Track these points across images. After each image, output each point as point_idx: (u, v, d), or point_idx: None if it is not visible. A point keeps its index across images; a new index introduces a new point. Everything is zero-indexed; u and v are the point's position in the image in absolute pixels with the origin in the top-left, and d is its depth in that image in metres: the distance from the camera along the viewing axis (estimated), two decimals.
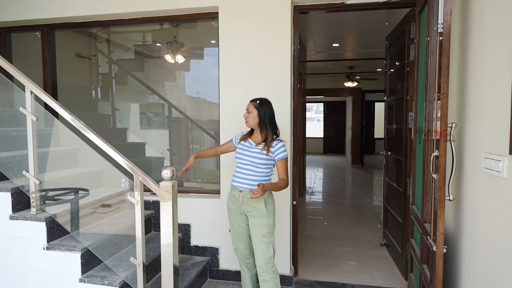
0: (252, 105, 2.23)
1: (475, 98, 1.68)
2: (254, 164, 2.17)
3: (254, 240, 2.22)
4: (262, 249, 2.17)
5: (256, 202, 2.17)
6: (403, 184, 2.91)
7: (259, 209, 2.17)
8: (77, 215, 2.55)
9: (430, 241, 1.87)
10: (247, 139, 2.28)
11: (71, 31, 3.66)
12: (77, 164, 2.95)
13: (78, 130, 2.14)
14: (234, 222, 2.31)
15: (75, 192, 2.68)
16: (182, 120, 4.51)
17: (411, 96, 2.74)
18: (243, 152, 2.23)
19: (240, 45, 2.81)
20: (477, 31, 1.67)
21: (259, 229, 2.18)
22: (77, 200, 2.64)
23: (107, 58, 4.37)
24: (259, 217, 2.18)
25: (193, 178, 4.71)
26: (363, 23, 5.04)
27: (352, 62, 7.87)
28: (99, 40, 4.27)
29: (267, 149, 2.15)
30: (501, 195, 1.39)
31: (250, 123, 2.23)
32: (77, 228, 2.44)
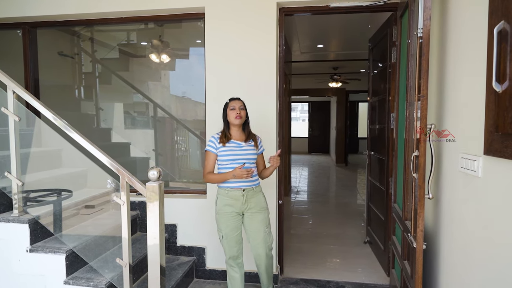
0: (241, 103, 2.32)
1: (453, 101, 1.75)
2: (249, 161, 2.27)
3: (257, 234, 2.31)
4: (266, 238, 2.34)
5: (258, 196, 2.31)
6: (386, 183, 2.99)
7: (260, 202, 2.32)
8: (60, 216, 2.52)
9: (411, 238, 1.94)
10: (229, 140, 2.29)
11: (53, 29, 3.59)
12: (60, 165, 2.91)
13: (61, 130, 2.12)
14: (230, 225, 2.27)
15: (58, 193, 2.65)
16: (167, 120, 4.49)
17: (392, 97, 2.82)
18: (235, 153, 2.26)
19: (226, 45, 2.82)
20: (454, 37, 1.74)
21: (262, 222, 2.32)
22: (60, 202, 2.60)
23: (91, 57, 4.31)
24: (261, 211, 2.32)
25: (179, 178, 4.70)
26: (347, 25, 5.13)
27: (336, 63, 7.98)
28: (82, 39, 4.20)
29: (256, 145, 2.34)
30: (476, 194, 1.46)
31: (243, 119, 2.30)
32: (61, 229, 2.41)
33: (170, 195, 3.00)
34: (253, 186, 2.29)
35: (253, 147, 2.30)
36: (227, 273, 2.40)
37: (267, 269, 2.44)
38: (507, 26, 1.20)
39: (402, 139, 2.44)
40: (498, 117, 1.25)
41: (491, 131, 1.30)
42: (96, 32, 4.19)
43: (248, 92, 2.82)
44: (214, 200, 2.38)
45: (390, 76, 2.85)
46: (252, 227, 2.31)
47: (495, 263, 1.29)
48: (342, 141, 10.62)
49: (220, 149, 2.26)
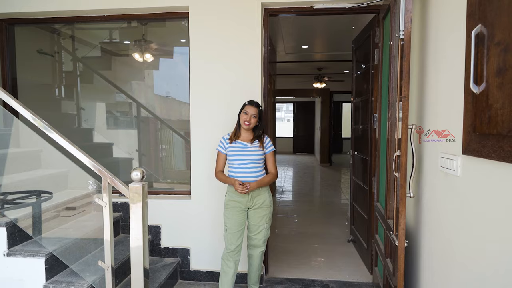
0: (256, 111, 2.44)
1: (433, 101, 1.79)
2: (254, 161, 2.41)
3: (257, 228, 2.48)
4: (265, 232, 2.51)
5: (264, 194, 2.45)
6: (369, 183, 3.04)
7: (265, 200, 2.46)
8: (40, 219, 2.45)
9: (393, 236, 1.97)
10: (236, 140, 2.45)
11: (32, 27, 3.49)
12: (39, 166, 2.83)
13: (41, 130, 2.06)
14: (235, 219, 2.41)
15: (37, 195, 2.57)
16: (151, 120, 4.43)
17: (375, 98, 2.86)
18: (241, 152, 2.41)
19: (210, 45, 2.81)
20: (434, 39, 1.78)
21: (265, 218, 2.48)
22: (40, 204, 2.53)
23: (72, 56, 4.21)
24: (265, 207, 2.46)
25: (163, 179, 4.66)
26: (331, 26, 5.18)
27: (320, 63, 8.06)
28: (63, 37, 4.10)
29: (262, 145, 2.46)
30: (455, 192, 1.50)
31: (252, 126, 2.43)
32: (40, 232, 2.34)
33: (154, 196, 2.97)
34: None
35: (258, 147, 2.44)
36: (221, 269, 2.47)
37: (258, 264, 2.60)
38: (483, 29, 1.24)
39: (384, 139, 2.48)
40: (476, 117, 1.29)
41: (469, 131, 1.34)
42: (77, 30, 4.09)
43: (233, 92, 2.81)
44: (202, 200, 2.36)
45: (373, 77, 2.89)
46: (253, 221, 2.47)
47: (474, 261, 1.32)
48: (326, 141, 10.73)
49: (228, 149, 2.44)
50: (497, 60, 1.14)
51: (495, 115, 1.15)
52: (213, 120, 2.85)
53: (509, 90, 1.07)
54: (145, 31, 4.39)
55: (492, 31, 1.18)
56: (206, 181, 2.86)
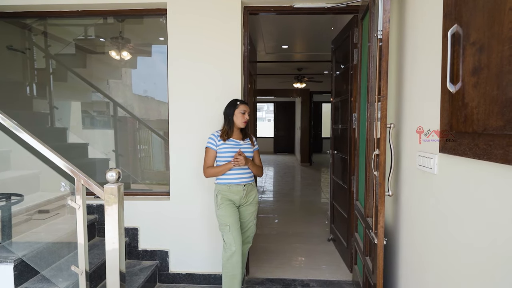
0: (249, 108, 2.51)
1: (410, 101, 1.81)
2: (247, 158, 2.44)
3: (247, 225, 2.55)
4: (253, 228, 2.59)
5: (254, 191, 2.54)
6: (348, 181, 3.06)
7: (255, 196, 2.55)
8: (9, 223, 2.33)
9: (372, 234, 1.99)
10: (229, 138, 2.46)
11: (1, 21, 3.33)
12: (9, 167, 2.70)
13: (10, 130, 1.96)
14: (235, 216, 2.41)
15: (6, 198, 2.45)
16: (128, 120, 4.32)
17: (354, 98, 2.89)
18: (234, 149, 2.43)
19: (189, 43, 2.76)
20: (412, 39, 1.81)
21: (254, 214, 2.57)
22: (9, 207, 2.41)
23: (44, 53, 4.05)
24: (254, 204, 2.55)
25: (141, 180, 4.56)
26: (311, 27, 5.22)
27: (300, 64, 8.10)
28: (35, 33, 3.94)
29: (252, 143, 2.56)
30: (432, 190, 1.52)
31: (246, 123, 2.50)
32: (9, 237, 2.23)
33: (131, 197, 2.88)
34: (251, 182, 2.52)
35: (250, 145, 2.53)
36: (227, 273, 2.37)
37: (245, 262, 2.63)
38: (459, 29, 1.26)
39: (363, 139, 2.51)
40: (452, 116, 1.31)
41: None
42: (50, 26, 3.94)
43: (212, 91, 2.77)
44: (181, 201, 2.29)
45: (352, 77, 2.92)
46: (244, 217, 2.52)
47: (449, 256, 1.35)
48: (306, 141, 10.82)
49: (220, 146, 2.43)
50: (473, 59, 1.16)
51: (471, 114, 1.17)
52: (192, 119, 2.80)
53: (484, 89, 1.09)
54: (122, 28, 4.28)
55: (467, 31, 1.20)
56: (185, 181, 2.81)
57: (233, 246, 2.35)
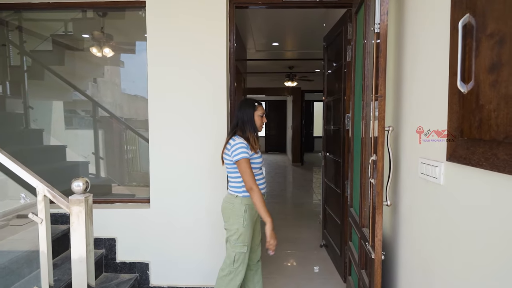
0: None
1: (411, 101, 1.64)
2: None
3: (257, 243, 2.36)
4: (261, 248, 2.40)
5: None
6: (341, 186, 2.89)
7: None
8: None
9: (369, 247, 1.82)
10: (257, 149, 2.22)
11: None
12: None
13: None
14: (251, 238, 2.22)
15: None
16: (110, 120, 4.10)
17: (348, 97, 2.72)
18: (260, 159, 2.21)
19: (170, 39, 2.55)
20: (413, 32, 1.63)
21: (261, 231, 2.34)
22: None
23: (18, 49, 3.79)
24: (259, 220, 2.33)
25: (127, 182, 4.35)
26: (301, 23, 5.04)
27: (291, 62, 7.94)
28: (9, 27, 3.68)
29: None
30: (438, 202, 1.35)
31: None
32: None
33: (108, 205, 2.67)
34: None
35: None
36: None
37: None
38: (472, 19, 1.09)
39: (358, 141, 2.34)
40: (463, 120, 1.14)
41: (455, 135, 1.19)
42: (25, 21, 3.69)
43: (196, 90, 2.57)
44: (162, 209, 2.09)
45: (346, 76, 2.75)
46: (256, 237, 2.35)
47: (456, 277, 1.17)
48: (298, 140, 10.66)
49: (253, 156, 2.14)
50: (490, 54, 0.99)
51: (488, 118, 1.00)
52: (173, 119, 2.60)
53: (506, 89, 0.92)
54: (104, 23, 4.06)
55: (483, 21, 1.03)
56: (166, 188, 2.61)
57: (243, 271, 2.14)
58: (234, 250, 2.12)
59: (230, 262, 2.13)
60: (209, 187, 2.60)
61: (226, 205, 2.18)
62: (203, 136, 2.57)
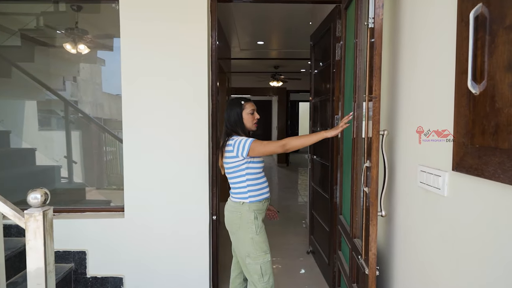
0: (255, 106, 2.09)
1: (408, 103, 1.51)
2: None
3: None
4: None
5: None
6: (330, 191, 2.75)
7: None
8: None
9: (361, 261, 1.68)
10: None
11: None
12: None
13: None
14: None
15: None
16: (85, 121, 3.86)
17: (337, 98, 2.58)
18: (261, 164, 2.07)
19: (146, 34, 2.35)
20: (410, 26, 1.50)
21: None
22: None
23: None
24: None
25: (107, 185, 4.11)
26: (287, 21, 4.89)
27: (277, 61, 7.80)
28: None
29: None
30: (440, 215, 1.21)
31: None
32: None
33: (78, 215, 2.45)
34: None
35: None
36: None
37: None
38: (485, 10, 0.95)
39: (348, 144, 2.20)
40: (474, 125, 1.00)
41: (463, 142, 1.05)
42: None
43: (174, 90, 2.38)
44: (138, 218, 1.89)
45: (334, 75, 2.61)
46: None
47: None
48: None
49: (254, 159, 1.99)
50: (510, 49, 0.85)
51: (507, 123, 0.86)
52: (150, 120, 2.40)
53: None
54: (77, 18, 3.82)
55: (501, 12, 0.89)
56: (141, 195, 2.41)
57: (272, 278, 1.99)
58: (258, 263, 1.94)
59: (258, 277, 1.94)
60: (189, 194, 2.41)
61: (232, 215, 1.98)
62: (182, 138, 2.39)
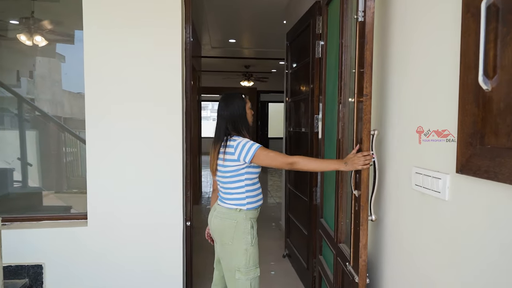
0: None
1: (400, 101, 1.44)
2: None
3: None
4: None
5: None
6: (309, 193, 2.66)
7: None
8: None
9: (350, 269, 1.59)
10: None
11: None
12: None
13: None
14: None
15: None
16: (42, 120, 3.53)
17: (317, 98, 2.50)
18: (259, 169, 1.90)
19: (113, 27, 2.15)
20: (403, 18, 1.42)
21: None
22: None
23: None
24: None
25: (67, 189, 3.79)
26: (260, 20, 4.79)
27: (248, 61, 7.70)
28: None
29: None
30: (439, 220, 1.14)
31: None
32: None
33: (33, 224, 2.19)
34: None
35: None
36: None
37: None
38: (498, 0, 0.88)
39: (331, 145, 2.12)
40: (485, 124, 0.92)
41: (470, 142, 0.98)
42: None
43: (145, 88, 2.20)
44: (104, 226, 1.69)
45: (314, 74, 2.53)
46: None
47: None
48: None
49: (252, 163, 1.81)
50: None
51: None
52: (117, 118, 2.19)
53: None
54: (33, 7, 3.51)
55: None
56: (108, 200, 2.19)
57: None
58: (248, 278, 1.76)
59: None
60: (161, 199, 2.23)
61: (225, 223, 1.78)
62: (154, 139, 2.20)
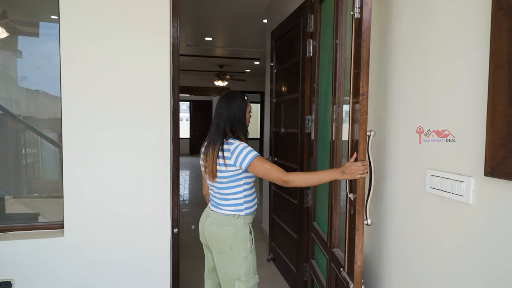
0: None
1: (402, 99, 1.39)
2: None
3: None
4: None
5: None
6: (299, 196, 2.59)
7: None
8: None
9: (344, 274, 1.54)
10: None
11: None
12: None
13: None
14: None
15: None
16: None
17: (308, 98, 2.44)
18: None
19: (93, 19, 1.97)
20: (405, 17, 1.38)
21: None
22: None
23: None
24: None
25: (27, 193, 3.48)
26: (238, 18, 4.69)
27: (222, 60, 7.55)
28: None
29: None
30: (463, 224, 1.10)
31: None
32: None
33: (0, 235, 1.95)
34: None
35: None
36: None
37: None
38: None
39: (324, 146, 2.06)
40: None
41: (502, 144, 0.94)
42: None
43: (130, 87, 2.03)
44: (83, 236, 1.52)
45: (304, 74, 2.46)
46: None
47: None
48: None
49: None
50: None
51: None
52: (97, 120, 2.01)
53: None
54: None
55: None
56: (88, 207, 2.00)
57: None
58: (249, 286, 1.71)
59: None
60: (147, 204, 2.07)
61: (222, 230, 1.68)
62: (141, 139, 2.05)
